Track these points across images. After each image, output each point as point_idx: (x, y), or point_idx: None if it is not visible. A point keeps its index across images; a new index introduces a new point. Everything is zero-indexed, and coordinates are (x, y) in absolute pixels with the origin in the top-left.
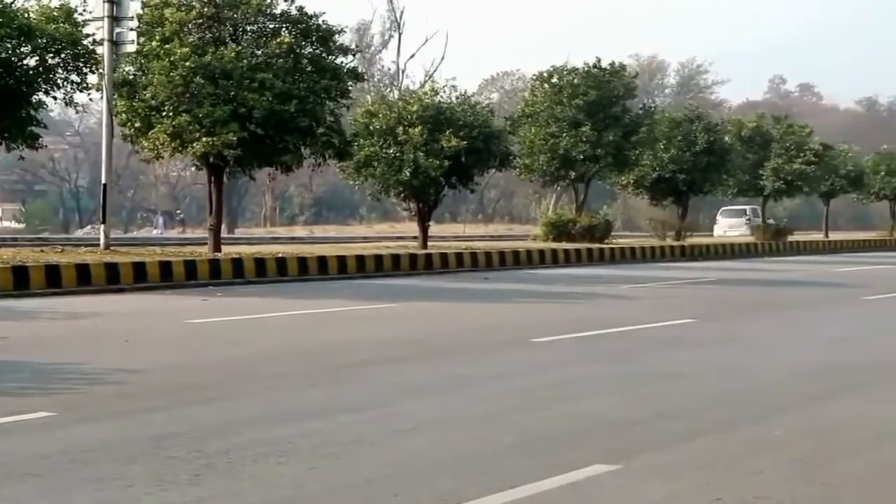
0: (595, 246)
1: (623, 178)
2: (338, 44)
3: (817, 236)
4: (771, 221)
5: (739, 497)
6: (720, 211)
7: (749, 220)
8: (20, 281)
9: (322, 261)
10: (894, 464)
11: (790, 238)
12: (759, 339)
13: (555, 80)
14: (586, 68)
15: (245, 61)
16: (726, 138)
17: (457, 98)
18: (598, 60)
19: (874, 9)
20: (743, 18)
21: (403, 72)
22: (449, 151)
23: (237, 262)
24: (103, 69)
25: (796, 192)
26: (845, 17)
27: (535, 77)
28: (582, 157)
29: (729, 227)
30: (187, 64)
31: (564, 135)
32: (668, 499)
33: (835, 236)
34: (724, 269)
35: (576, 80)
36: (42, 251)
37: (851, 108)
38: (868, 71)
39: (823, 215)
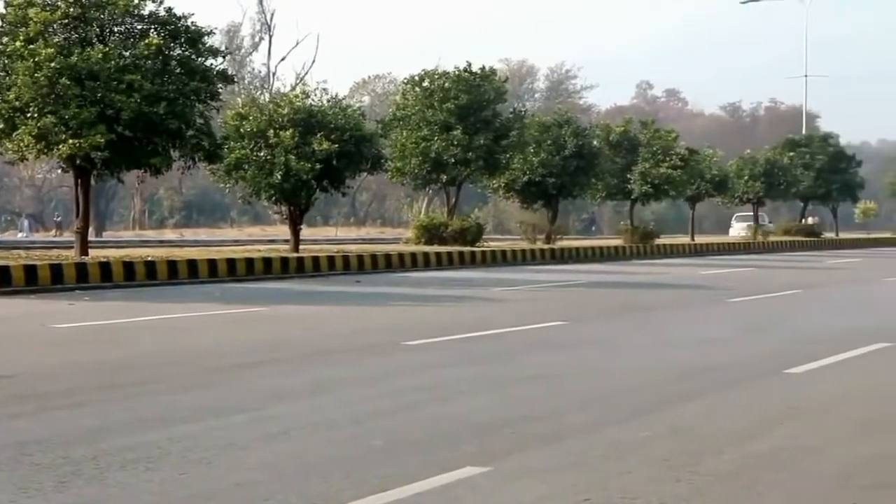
0: (466, 249)
1: (494, 181)
2: (207, 45)
3: (684, 239)
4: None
5: (607, 497)
6: (735, 216)
7: (759, 224)
8: None
9: (192, 264)
10: (758, 461)
11: (657, 241)
12: (626, 340)
13: (426, 83)
14: (457, 72)
15: (112, 62)
16: (595, 142)
17: (328, 101)
18: (469, 65)
19: (738, 18)
20: (611, 26)
21: (274, 74)
22: (320, 154)
23: (105, 266)
24: None
25: (663, 196)
26: (710, 26)
27: (406, 81)
28: (453, 160)
29: (741, 229)
30: (52, 65)
31: (436, 138)
32: (538, 499)
33: (700, 239)
34: (593, 271)
35: (447, 84)
36: None
37: (716, 114)
38: (732, 77)
39: (689, 219)
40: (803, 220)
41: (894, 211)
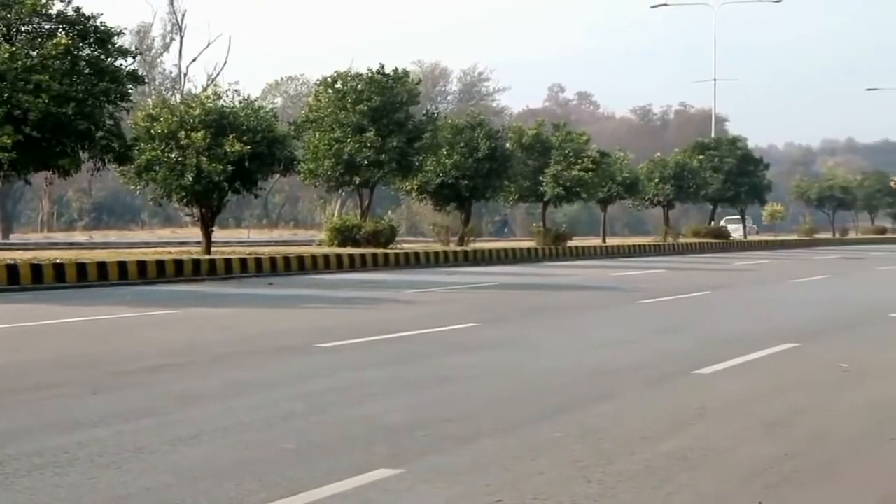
0: (380, 251)
1: (407, 183)
2: (117, 46)
3: (595, 241)
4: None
5: (519, 498)
6: (724, 219)
7: (747, 226)
8: None
9: (102, 266)
10: (668, 461)
11: (569, 243)
12: (538, 342)
13: (339, 85)
14: (370, 74)
15: (19, 62)
16: (507, 145)
17: (240, 102)
18: (382, 66)
19: (649, 22)
20: (523, 29)
21: (185, 75)
22: (232, 156)
23: (12, 268)
24: None
25: (575, 198)
26: (621, 30)
27: (318, 82)
28: (366, 162)
29: (731, 230)
30: None
31: (349, 140)
32: (450, 501)
33: (612, 241)
34: (506, 273)
35: (360, 86)
36: None
37: (627, 117)
38: (642, 80)
39: (601, 221)
40: (712, 222)
41: (801, 213)
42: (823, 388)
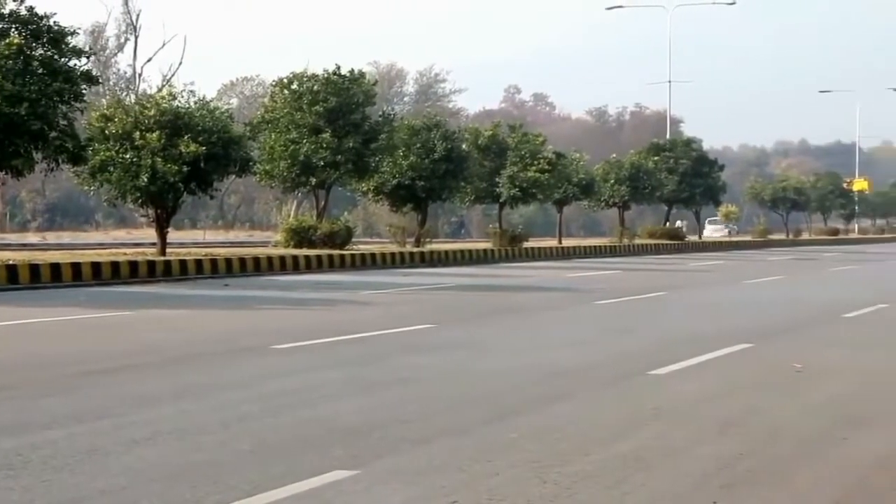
0: (336, 252)
1: (363, 184)
2: (71, 46)
3: (551, 242)
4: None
5: (475, 498)
6: (707, 220)
7: (728, 227)
8: None
9: (55, 268)
10: (623, 462)
11: (525, 244)
12: (495, 342)
13: (294, 86)
14: (326, 75)
15: None
16: (464, 146)
17: (195, 103)
18: (338, 67)
19: (604, 24)
20: (479, 31)
21: (140, 76)
22: (187, 157)
23: None
24: None
25: (531, 200)
26: (577, 32)
27: (274, 83)
28: (322, 163)
29: (713, 231)
30: None
31: (305, 141)
32: (405, 502)
33: (568, 242)
34: (462, 274)
35: (316, 87)
36: None
37: (583, 118)
38: (597, 82)
39: (557, 222)
40: (667, 223)
41: (755, 214)
42: (777, 388)
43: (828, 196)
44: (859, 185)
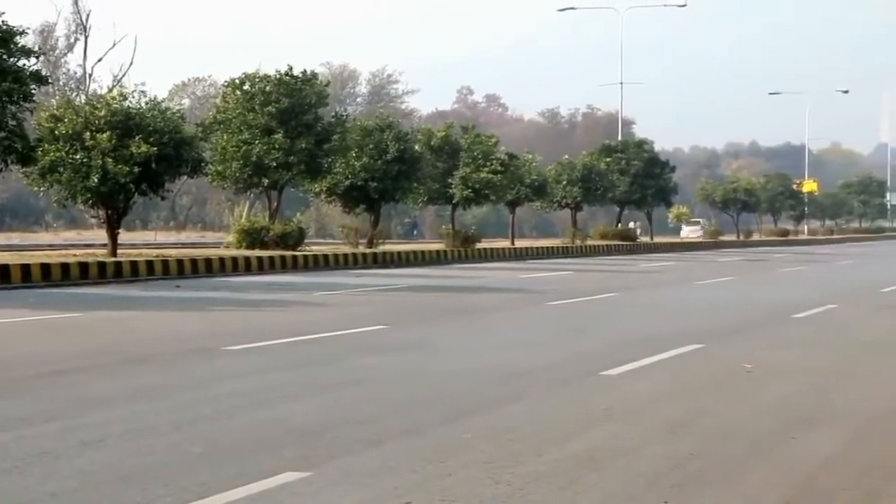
0: (288, 253)
1: (316, 185)
2: (20, 46)
3: (504, 243)
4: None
5: (427, 499)
6: (684, 222)
7: (702, 227)
8: None
9: (3, 269)
10: (576, 462)
11: (478, 245)
12: (448, 343)
13: (247, 87)
14: (278, 76)
15: None
16: (416, 147)
17: (146, 103)
18: (290, 68)
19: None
20: (432, 32)
21: (90, 76)
22: (139, 157)
23: None
24: None
25: (484, 201)
26: (529, 33)
27: (226, 84)
28: (275, 164)
29: (689, 231)
30: None
31: (257, 142)
32: (358, 503)
33: (520, 243)
34: (415, 275)
35: (268, 88)
36: None
37: (535, 119)
38: (550, 83)
39: (509, 223)
40: (619, 224)
41: (706, 215)
42: (727, 388)
43: (778, 197)
44: (809, 186)
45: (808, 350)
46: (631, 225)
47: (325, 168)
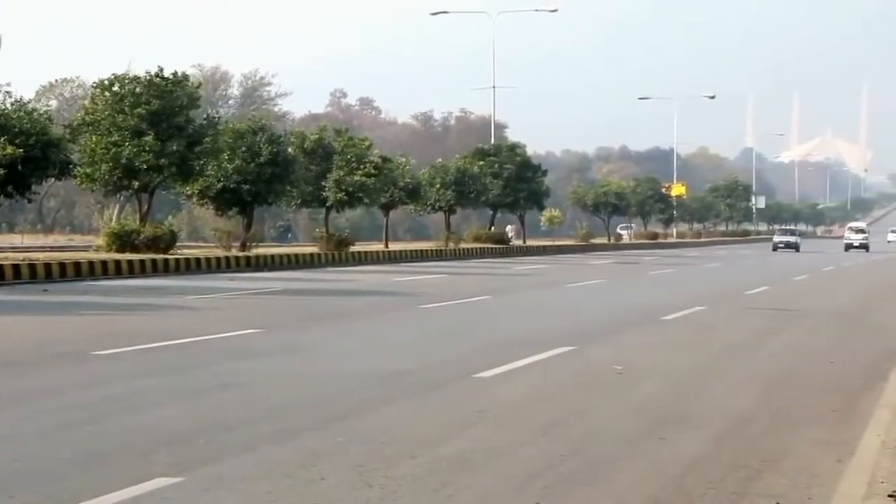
0: (160, 256)
1: (188, 188)
2: None
3: (378, 246)
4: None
5: None
6: (619, 226)
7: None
8: None
9: None
10: (449, 464)
11: (352, 248)
12: (322, 347)
13: (116, 88)
14: (148, 77)
15: None
16: (290, 150)
17: (12, 104)
18: (161, 70)
19: (429, 29)
20: (305, 35)
21: None
22: (4, 159)
23: None
24: None
25: (357, 204)
26: (403, 37)
27: (95, 85)
28: (145, 166)
29: (624, 232)
30: None
31: (127, 144)
32: None
33: (394, 246)
34: (289, 279)
35: (138, 89)
36: None
37: (408, 123)
38: (423, 87)
39: (384, 226)
40: (493, 228)
41: (577, 219)
42: (598, 390)
43: (647, 201)
44: (677, 190)
45: (677, 351)
46: (508, 228)
47: (197, 170)
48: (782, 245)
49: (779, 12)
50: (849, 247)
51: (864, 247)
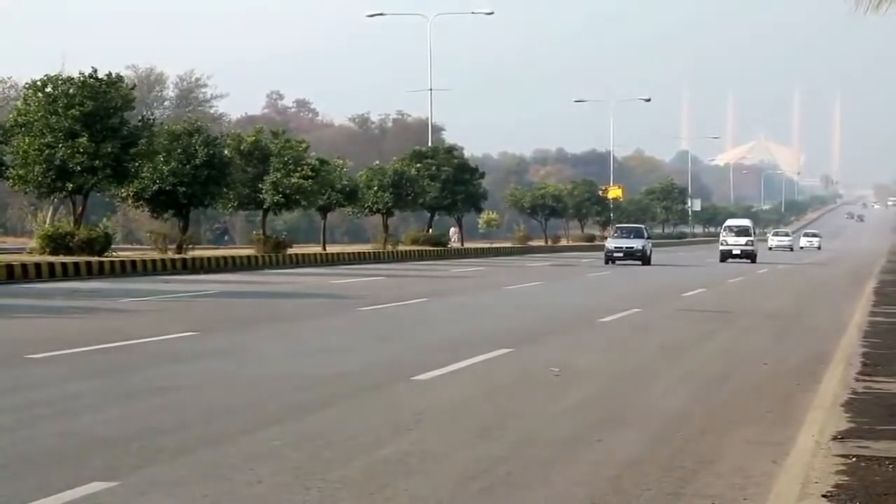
0: (94, 259)
1: (123, 190)
2: None
3: (315, 249)
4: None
5: None
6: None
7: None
8: None
9: None
10: (386, 467)
11: (290, 251)
12: (257, 350)
13: (49, 89)
14: (82, 78)
15: None
16: (226, 152)
17: None
18: (95, 71)
19: (366, 31)
20: (240, 36)
21: None
22: None
23: None
24: None
25: (295, 206)
26: (339, 39)
27: (28, 86)
28: (79, 168)
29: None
30: None
31: (61, 145)
32: None
33: (332, 249)
34: (225, 281)
35: (72, 91)
36: None
37: (345, 125)
38: (360, 89)
39: (321, 228)
40: (430, 230)
41: (515, 221)
42: (535, 392)
43: (584, 203)
44: (614, 192)
45: (613, 353)
46: (451, 231)
47: (132, 173)
48: (738, 253)
49: (711, 15)
50: (726, 255)
51: (750, 255)
